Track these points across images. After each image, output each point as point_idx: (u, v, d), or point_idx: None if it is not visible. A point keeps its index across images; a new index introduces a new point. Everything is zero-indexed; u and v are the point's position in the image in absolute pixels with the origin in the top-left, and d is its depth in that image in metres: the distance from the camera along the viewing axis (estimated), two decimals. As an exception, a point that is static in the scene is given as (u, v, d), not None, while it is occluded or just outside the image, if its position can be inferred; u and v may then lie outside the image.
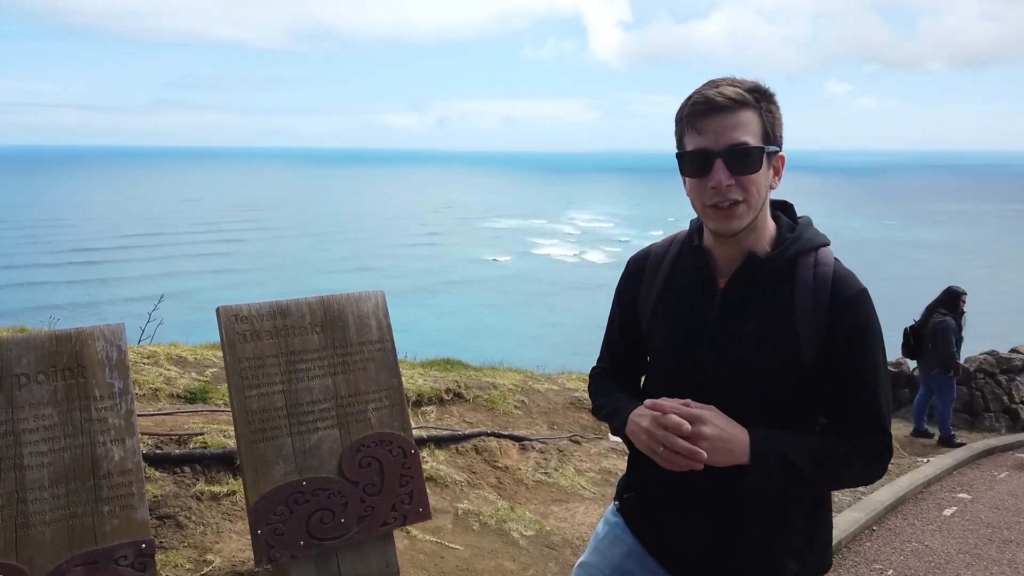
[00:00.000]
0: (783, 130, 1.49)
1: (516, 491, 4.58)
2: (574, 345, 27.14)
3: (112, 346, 2.08)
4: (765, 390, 1.49)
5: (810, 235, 1.54)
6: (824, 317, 1.46)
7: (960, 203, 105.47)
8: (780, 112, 1.49)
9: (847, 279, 1.49)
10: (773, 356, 1.48)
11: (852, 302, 1.46)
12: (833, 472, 1.47)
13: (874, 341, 1.48)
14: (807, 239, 1.52)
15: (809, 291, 1.47)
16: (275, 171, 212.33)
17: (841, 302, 1.46)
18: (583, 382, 7.30)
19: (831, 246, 1.56)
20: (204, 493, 3.17)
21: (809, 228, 1.55)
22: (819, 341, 1.46)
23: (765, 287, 1.50)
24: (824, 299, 1.46)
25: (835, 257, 1.53)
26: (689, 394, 1.50)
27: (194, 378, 4.56)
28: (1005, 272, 46.95)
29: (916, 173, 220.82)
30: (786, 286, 1.49)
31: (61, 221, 70.73)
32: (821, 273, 1.49)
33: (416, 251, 59.68)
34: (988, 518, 5.65)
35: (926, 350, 7.76)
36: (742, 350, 1.49)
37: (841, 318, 1.46)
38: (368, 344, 2.79)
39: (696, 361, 1.53)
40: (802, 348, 1.46)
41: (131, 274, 45.75)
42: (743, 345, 1.49)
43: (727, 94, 1.42)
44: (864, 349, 1.47)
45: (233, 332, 2.52)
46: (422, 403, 5.50)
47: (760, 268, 1.50)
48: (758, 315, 1.49)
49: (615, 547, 1.69)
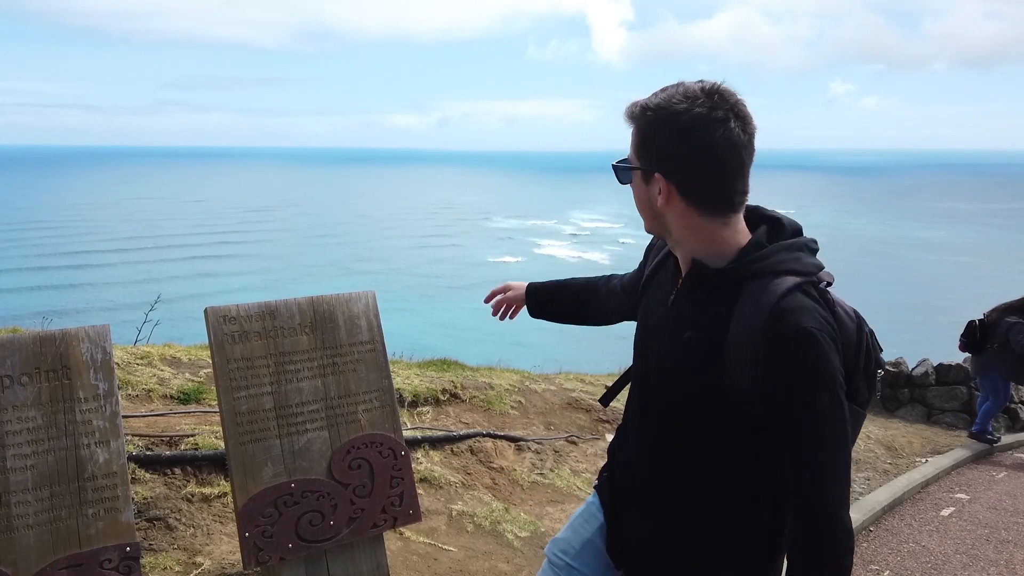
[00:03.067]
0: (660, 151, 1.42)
1: (511, 492, 4.57)
2: (575, 347, 27.14)
3: (97, 347, 2.07)
4: (693, 405, 1.45)
5: (778, 259, 1.41)
6: (760, 348, 1.33)
7: (966, 203, 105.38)
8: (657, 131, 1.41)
9: (788, 315, 1.33)
10: (699, 370, 1.42)
11: (782, 340, 1.31)
12: None
13: (809, 393, 1.32)
14: (771, 261, 1.41)
15: (746, 316, 1.36)
16: (277, 171, 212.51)
17: (770, 339, 1.32)
18: (580, 383, 7.28)
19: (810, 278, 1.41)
20: (195, 495, 3.16)
21: (782, 252, 1.42)
22: (751, 372, 1.34)
23: (709, 300, 1.44)
24: (756, 329, 1.34)
25: (805, 290, 1.38)
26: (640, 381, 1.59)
27: (188, 379, 4.55)
28: (1009, 270, 46.86)
29: (920, 172, 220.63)
30: (728, 305, 1.40)
31: (58, 223, 70.78)
32: (763, 301, 1.35)
33: (420, 253, 59.63)
34: (986, 518, 5.63)
35: (989, 349, 7.74)
36: (674, 356, 1.48)
37: (769, 355, 1.32)
38: (358, 345, 2.77)
39: (645, 356, 1.58)
40: (727, 372, 1.37)
41: (130, 277, 45.70)
42: (676, 351, 1.47)
43: (628, 106, 1.45)
44: (793, 400, 1.32)
45: (221, 333, 2.50)
46: (418, 403, 5.49)
47: (703, 279, 1.46)
48: (695, 326, 1.45)
49: (588, 524, 1.73)
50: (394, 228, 74.54)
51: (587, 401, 6.54)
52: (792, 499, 1.36)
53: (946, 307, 31.84)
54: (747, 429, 1.40)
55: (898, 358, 9.39)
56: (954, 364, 9.02)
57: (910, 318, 31.24)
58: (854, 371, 1.47)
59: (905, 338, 24.99)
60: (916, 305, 31.68)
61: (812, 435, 1.32)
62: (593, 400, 6.64)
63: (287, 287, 41.49)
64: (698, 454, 1.48)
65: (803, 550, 1.35)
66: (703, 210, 1.42)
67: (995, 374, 7.74)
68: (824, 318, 1.36)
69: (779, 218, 1.51)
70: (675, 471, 1.52)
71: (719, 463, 1.46)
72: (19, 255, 52.65)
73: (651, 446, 1.56)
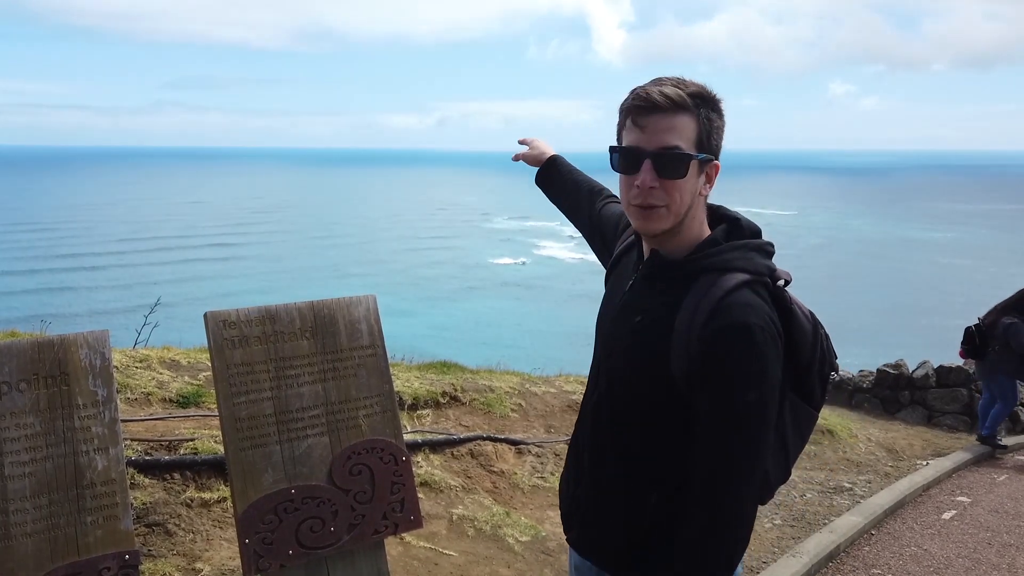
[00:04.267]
0: (722, 139, 1.45)
1: (512, 496, 4.56)
2: (574, 348, 27.12)
3: (96, 353, 2.05)
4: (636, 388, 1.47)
5: (730, 256, 1.43)
6: (699, 339, 1.35)
7: (966, 203, 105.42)
8: (722, 121, 1.44)
9: (730, 309, 1.35)
10: (642, 355, 1.45)
11: (719, 333, 1.33)
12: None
13: (735, 387, 1.33)
14: (724, 258, 1.43)
15: (691, 307, 1.39)
16: (276, 172, 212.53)
17: (708, 331, 1.35)
18: (581, 385, 7.27)
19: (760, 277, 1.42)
20: (194, 500, 3.14)
21: (735, 251, 1.44)
22: (689, 361, 1.37)
23: (662, 288, 1.47)
24: (699, 322, 1.36)
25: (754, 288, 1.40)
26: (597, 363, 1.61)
27: (187, 382, 4.54)
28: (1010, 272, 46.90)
29: (920, 173, 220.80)
30: (678, 295, 1.43)
31: (57, 224, 70.70)
32: (710, 295, 1.38)
33: (419, 255, 59.60)
34: (988, 522, 5.62)
35: (991, 352, 7.70)
36: (624, 340, 1.51)
37: (705, 347, 1.34)
38: (359, 349, 2.75)
39: (602, 335, 1.62)
40: (671, 361, 1.39)
41: (128, 279, 45.61)
42: (626, 335, 1.51)
43: (668, 94, 1.38)
44: (718, 391, 1.34)
45: (221, 338, 2.48)
46: (418, 406, 5.47)
47: (660, 268, 1.49)
48: (645, 312, 1.48)
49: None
50: (393, 230, 74.54)
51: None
52: (692, 488, 1.36)
53: (947, 309, 31.83)
54: (687, 418, 1.41)
55: (898, 360, 9.38)
56: (955, 366, 9.00)
57: (910, 319, 31.20)
58: (808, 371, 1.49)
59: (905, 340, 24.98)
60: (917, 306, 31.67)
61: (728, 428, 1.33)
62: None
63: (287, 290, 41.47)
64: (640, 438, 1.49)
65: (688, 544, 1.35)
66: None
67: (1002, 376, 7.72)
68: (768, 316, 1.37)
69: (738, 218, 1.53)
70: (617, 453, 1.54)
71: (658, 448, 1.47)
72: (17, 257, 52.58)
73: (600, 427, 1.58)
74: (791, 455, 1.52)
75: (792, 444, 1.51)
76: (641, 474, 1.49)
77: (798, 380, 1.49)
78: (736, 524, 1.34)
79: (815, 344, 1.49)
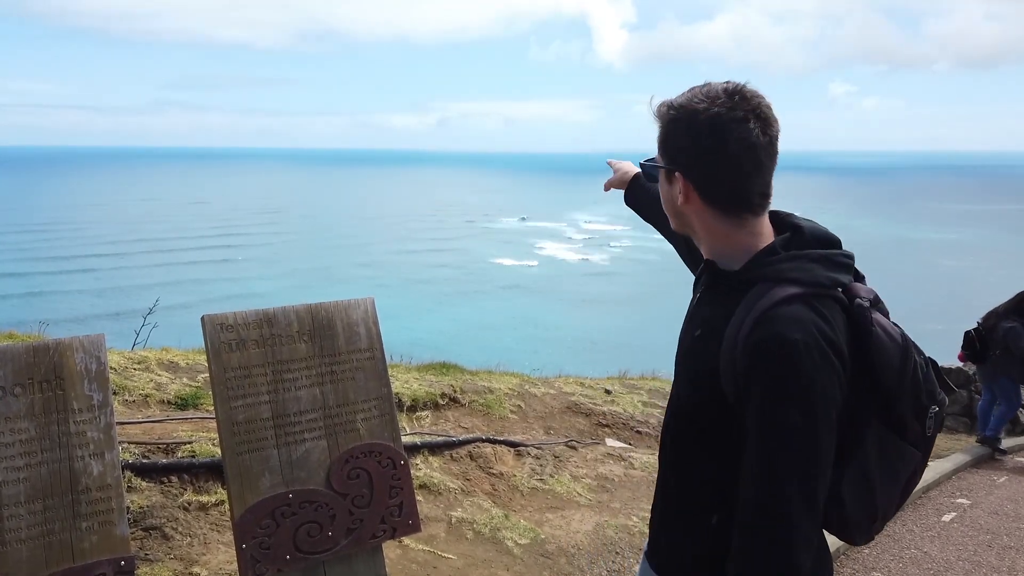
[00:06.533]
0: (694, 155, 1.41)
1: (511, 498, 4.54)
2: (573, 349, 27.10)
3: (92, 357, 2.04)
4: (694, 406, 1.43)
5: (785, 267, 1.38)
6: (741, 354, 1.31)
7: (968, 204, 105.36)
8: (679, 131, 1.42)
9: (772, 322, 1.29)
10: (698, 370, 1.42)
11: (758, 347, 1.28)
12: None
13: (776, 405, 1.26)
14: (777, 268, 1.38)
15: (737, 320, 1.35)
16: (277, 172, 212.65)
17: (750, 344, 1.30)
18: (580, 386, 7.26)
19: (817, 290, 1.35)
20: (191, 503, 3.13)
21: (790, 261, 1.39)
22: (735, 377, 1.32)
23: (718, 301, 1.44)
24: (743, 334, 1.32)
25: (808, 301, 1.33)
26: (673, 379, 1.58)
27: (185, 383, 4.53)
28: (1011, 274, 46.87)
29: (921, 174, 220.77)
30: (733, 307, 1.38)
31: (56, 225, 70.70)
32: (757, 306, 1.33)
33: (420, 256, 59.60)
34: (987, 524, 5.60)
35: (992, 356, 7.68)
36: (685, 354, 1.50)
37: (747, 361, 1.30)
38: (357, 352, 2.74)
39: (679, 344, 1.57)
40: (721, 376, 1.35)
41: (128, 281, 45.53)
42: (687, 349, 1.49)
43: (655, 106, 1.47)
44: (760, 410, 1.27)
45: (219, 342, 2.47)
46: (417, 408, 5.47)
47: (715, 281, 1.48)
48: (704, 324, 1.45)
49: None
50: (394, 230, 74.55)
51: (587, 405, 6.52)
52: (738, 517, 1.30)
53: (946, 309, 31.84)
54: (741, 436, 1.34)
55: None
56: (954, 367, 8.99)
57: (910, 321, 31.26)
58: (896, 400, 1.38)
59: (905, 340, 24.85)
60: (916, 308, 31.68)
61: (768, 449, 1.26)
62: (593, 404, 6.61)
63: (287, 292, 41.45)
64: (699, 457, 1.44)
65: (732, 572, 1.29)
66: (720, 210, 1.42)
67: (1005, 379, 7.70)
68: (820, 332, 1.29)
69: (801, 226, 1.47)
70: (679, 472, 1.49)
71: (717, 468, 1.40)
72: (16, 259, 52.54)
73: (666, 445, 1.55)
74: (877, 492, 1.40)
75: (880, 480, 1.39)
76: (702, 494, 1.44)
77: (885, 411, 1.39)
78: (780, 553, 1.24)
79: (903, 371, 1.38)
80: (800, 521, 1.25)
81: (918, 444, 1.43)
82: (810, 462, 1.26)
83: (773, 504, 1.25)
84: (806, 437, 1.26)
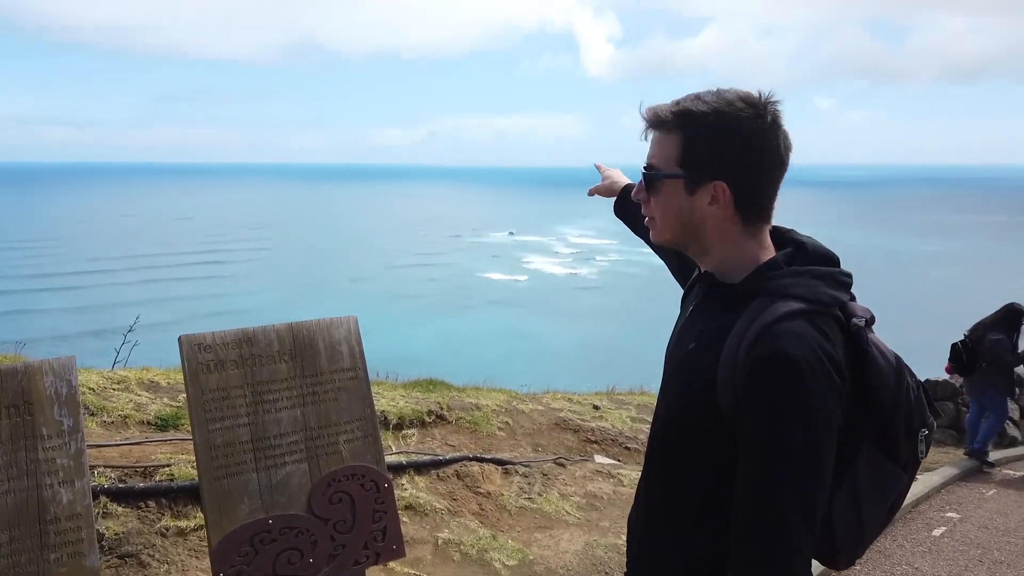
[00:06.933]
0: (725, 158, 1.35)
1: (499, 518, 4.48)
2: (561, 365, 27.06)
3: (62, 381, 1.98)
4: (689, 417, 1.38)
5: (787, 282, 1.35)
6: (742, 369, 1.27)
7: (951, 215, 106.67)
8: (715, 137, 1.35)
9: (775, 338, 1.26)
10: (692, 383, 1.37)
11: (760, 362, 1.24)
12: None
13: (776, 423, 1.23)
14: (780, 283, 1.35)
15: (738, 334, 1.31)
16: (266, 187, 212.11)
17: (751, 359, 1.26)
18: (568, 402, 7.21)
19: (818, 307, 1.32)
20: (170, 528, 3.05)
21: (793, 276, 1.36)
22: (733, 392, 1.28)
23: (716, 312, 1.40)
24: (743, 349, 1.28)
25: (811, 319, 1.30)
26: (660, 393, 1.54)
27: (166, 403, 4.44)
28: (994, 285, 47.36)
29: (907, 186, 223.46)
30: (731, 320, 1.35)
31: (41, 242, 69.97)
32: (758, 320, 1.29)
33: (408, 271, 59.44)
34: (978, 538, 5.59)
35: (980, 368, 7.70)
36: (678, 366, 1.45)
37: (747, 377, 1.26)
38: (340, 372, 2.69)
39: (665, 368, 1.53)
40: (717, 390, 1.31)
41: (111, 299, 44.93)
42: (679, 362, 1.45)
43: (655, 111, 1.41)
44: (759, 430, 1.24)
45: (196, 362, 2.41)
46: (403, 426, 5.39)
47: (714, 293, 1.44)
48: (699, 337, 1.41)
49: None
50: (382, 245, 74.39)
51: (575, 421, 6.47)
52: (731, 543, 1.25)
53: (931, 321, 32.08)
54: (734, 453, 1.31)
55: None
56: (941, 380, 9.02)
57: (896, 333, 31.38)
58: (889, 423, 1.37)
59: (891, 352, 24.98)
60: (902, 320, 31.90)
61: (770, 466, 1.22)
62: (581, 420, 6.56)
63: (273, 308, 41.16)
64: (688, 473, 1.40)
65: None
66: (744, 219, 1.40)
67: (992, 391, 7.72)
68: (822, 349, 1.27)
69: (804, 242, 1.45)
70: (666, 487, 1.45)
71: (706, 485, 1.37)
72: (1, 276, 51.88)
73: (652, 459, 1.51)
74: (865, 514, 1.38)
75: (867, 504, 1.37)
76: (688, 512, 1.40)
77: (878, 433, 1.37)
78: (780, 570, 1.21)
79: (898, 393, 1.37)
80: (800, 540, 1.22)
81: (907, 467, 1.42)
82: (810, 479, 1.23)
83: (773, 521, 1.22)
84: (807, 454, 1.23)
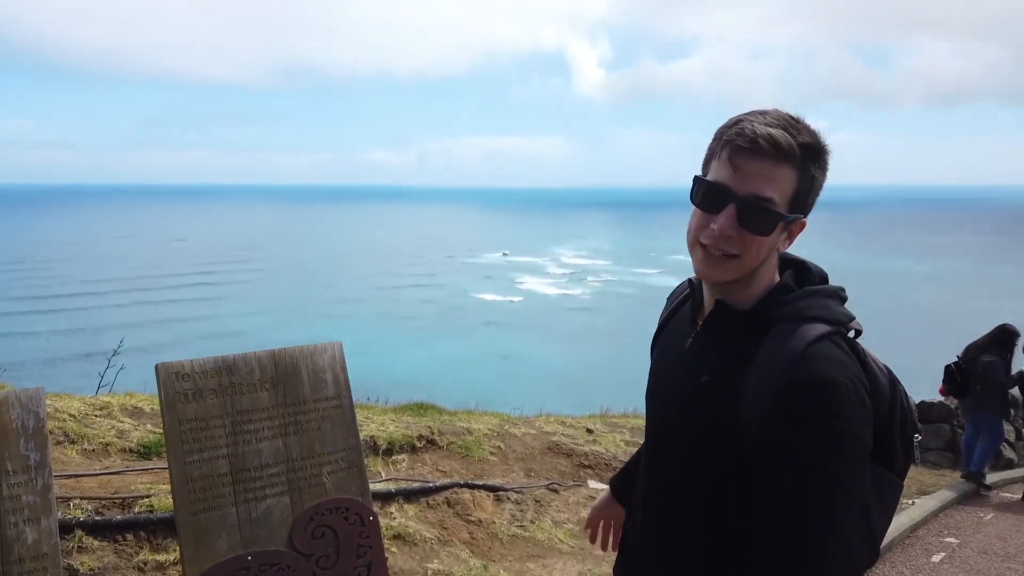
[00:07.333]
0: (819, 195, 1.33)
1: (490, 547, 4.37)
2: (555, 387, 26.90)
3: (29, 413, 1.89)
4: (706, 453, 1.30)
5: (807, 304, 1.30)
6: (779, 397, 1.20)
7: (938, 236, 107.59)
8: (824, 177, 1.31)
9: (813, 362, 1.20)
10: (709, 419, 1.30)
11: (802, 390, 1.18)
12: None
13: (819, 454, 1.16)
14: (799, 306, 1.29)
15: (768, 362, 1.24)
16: (258, 209, 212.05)
17: (790, 388, 1.19)
18: (561, 425, 7.11)
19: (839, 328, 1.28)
20: (148, 563, 2.94)
21: (811, 298, 1.31)
22: (762, 426, 1.21)
23: (730, 342, 1.32)
24: (779, 375, 1.21)
25: (835, 340, 1.25)
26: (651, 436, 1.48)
27: (149, 430, 4.33)
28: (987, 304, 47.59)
29: (893, 207, 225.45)
30: (751, 348, 1.28)
31: (30, 263, 69.49)
32: (788, 347, 1.23)
33: (400, 292, 59.25)
34: (977, 564, 5.50)
35: (974, 390, 7.65)
36: (690, 400, 1.35)
37: (785, 406, 1.19)
38: (323, 401, 2.60)
39: (659, 402, 1.47)
40: (740, 423, 1.24)
41: (97, 322, 44.35)
42: (688, 398, 1.35)
43: (776, 139, 1.23)
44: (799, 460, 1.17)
45: (173, 392, 2.33)
46: (393, 451, 5.29)
47: (726, 321, 1.35)
48: (712, 369, 1.32)
49: None
50: (374, 266, 74.26)
51: (568, 445, 6.37)
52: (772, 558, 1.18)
53: (925, 342, 32.12)
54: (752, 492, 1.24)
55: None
56: (936, 402, 8.98)
57: (889, 354, 31.42)
58: (887, 432, 1.33)
59: (885, 373, 24.96)
60: (895, 341, 31.97)
61: (807, 504, 1.16)
62: (575, 444, 6.46)
63: (265, 329, 40.87)
64: (700, 515, 1.33)
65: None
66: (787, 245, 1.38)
67: (987, 413, 7.68)
68: (856, 374, 1.23)
69: (805, 262, 1.41)
70: (681, 529, 1.37)
71: (718, 527, 1.30)
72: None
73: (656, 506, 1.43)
74: (876, 532, 1.33)
75: (876, 518, 1.33)
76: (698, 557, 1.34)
77: (876, 443, 1.32)
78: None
79: (894, 401, 1.34)
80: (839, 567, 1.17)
81: (902, 474, 1.39)
82: (848, 520, 1.18)
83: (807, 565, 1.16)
84: (848, 493, 1.18)
